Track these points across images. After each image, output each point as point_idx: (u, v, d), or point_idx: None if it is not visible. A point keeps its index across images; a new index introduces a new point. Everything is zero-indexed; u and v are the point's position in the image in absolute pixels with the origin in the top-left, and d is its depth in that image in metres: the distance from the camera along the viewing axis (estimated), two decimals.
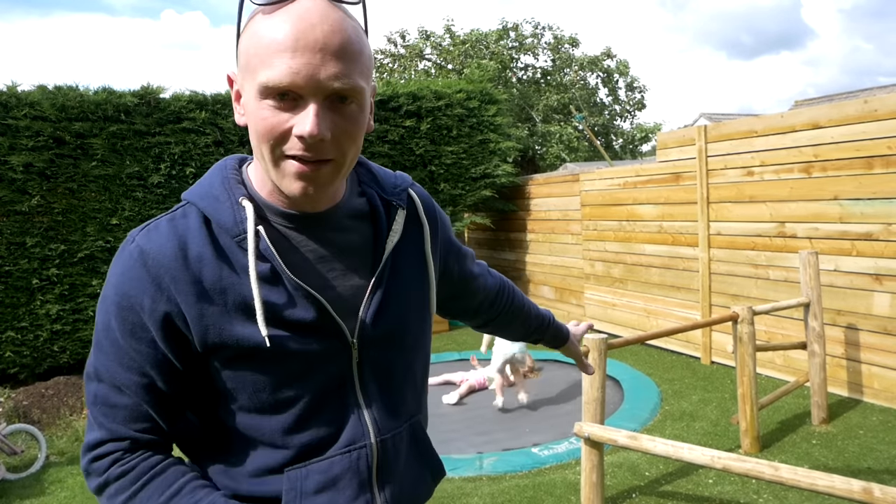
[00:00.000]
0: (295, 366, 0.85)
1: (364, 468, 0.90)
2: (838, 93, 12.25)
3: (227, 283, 0.82)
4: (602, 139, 16.25)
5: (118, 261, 0.84)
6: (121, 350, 0.83)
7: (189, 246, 0.82)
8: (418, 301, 0.99)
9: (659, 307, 6.27)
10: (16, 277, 5.77)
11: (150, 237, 0.83)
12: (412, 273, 0.98)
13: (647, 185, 6.29)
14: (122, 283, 0.82)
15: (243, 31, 0.82)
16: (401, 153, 7.52)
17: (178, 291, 0.81)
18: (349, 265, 0.91)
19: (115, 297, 0.83)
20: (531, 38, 16.05)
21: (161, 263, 0.81)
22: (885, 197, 4.16)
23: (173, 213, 0.86)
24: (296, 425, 0.87)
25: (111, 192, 6.07)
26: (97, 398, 0.85)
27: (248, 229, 0.82)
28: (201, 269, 0.82)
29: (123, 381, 0.83)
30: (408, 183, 1.02)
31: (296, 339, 0.85)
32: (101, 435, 0.85)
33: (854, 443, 3.77)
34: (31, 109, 5.71)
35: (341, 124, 0.79)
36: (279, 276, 0.84)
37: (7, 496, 3.91)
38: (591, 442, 2.94)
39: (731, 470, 2.38)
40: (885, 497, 1.90)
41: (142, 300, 0.81)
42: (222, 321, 0.82)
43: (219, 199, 0.85)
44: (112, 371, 0.83)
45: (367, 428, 0.91)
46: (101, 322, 0.85)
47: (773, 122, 4.93)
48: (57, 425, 5.05)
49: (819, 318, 4.07)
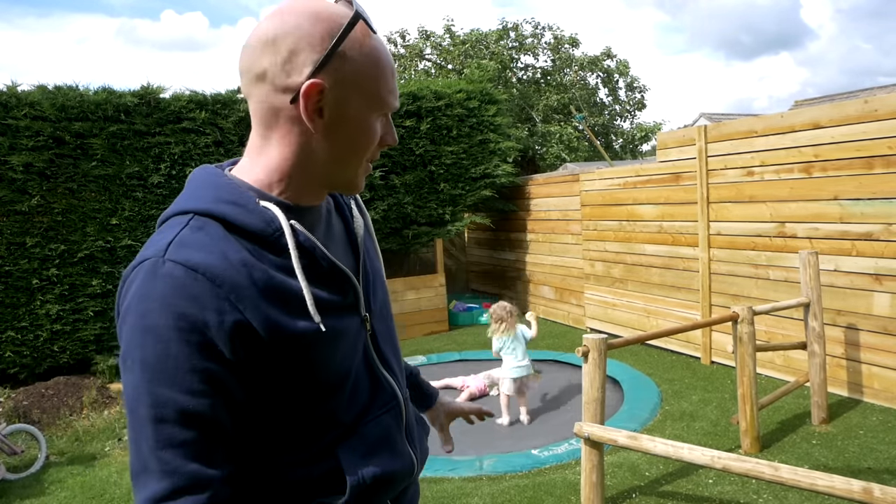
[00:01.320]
0: (345, 345, 0.93)
1: (401, 424, 1.02)
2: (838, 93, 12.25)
3: (276, 282, 0.84)
4: (602, 139, 16.25)
5: (154, 285, 0.78)
6: (186, 375, 0.77)
7: (229, 254, 0.82)
8: (382, 275, 1.12)
9: (659, 307, 6.27)
10: (16, 277, 5.77)
11: (186, 252, 0.80)
12: (373, 251, 1.11)
13: (647, 185, 6.29)
14: (175, 305, 0.77)
15: (349, 43, 0.86)
16: (401, 153, 7.52)
17: (239, 299, 0.80)
18: (342, 248, 1.00)
19: (170, 323, 0.76)
20: (531, 39, 16.05)
21: (215, 274, 0.79)
22: (885, 197, 4.16)
23: (185, 227, 0.83)
24: (350, 399, 0.94)
25: (111, 192, 6.07)
26: (163, 442, 0.76)
27: (284, 226, 0.86)
28: (250, 273, 0.82)
29: (195, 408, 0.77)
30: None
31: (341, 320, 0.92)
32: (173, 482, 0.76)
33: (854, 443, 3.77)
34: (31, 109, 5.71)
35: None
36: (317, 264, 0.90)
37: (7, 496, 3.91)
38: (591, 442, 2.94)
39: (731, 470, 2.38)
40: (885, 497, 1.90)
41: (204, 317, 0.77)
42: (281, 319, 0.83)
43: (238, 204, 0.86)
44: (179, 403, 0.76)
45: (395, 389, 1.02)
46: (153, 355, 0.77)
47: (773, 122, 4.93)
48: (57, 425, 5.05)
49: (819, 318, 4.07)
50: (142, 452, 0.77)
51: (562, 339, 6.94)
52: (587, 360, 3.00)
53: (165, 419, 0.76)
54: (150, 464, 0.77)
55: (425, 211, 7.71)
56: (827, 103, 5.12)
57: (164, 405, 0.76)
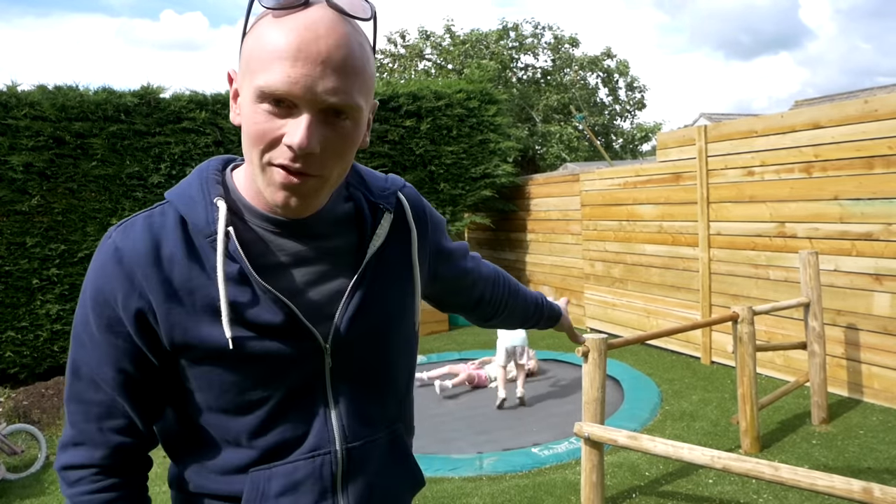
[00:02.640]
0: (260, 368, 0.85)
1: (328, 475, 0.89)
2: (838, 93, 12.25)
3: (196, 284, 0.83)
4: (602, 139, 16.25)
5: (97, 256, 0.86)
6: (98, 344, 0.84)
7: (162, 245, 0.83)
8: (401, 306, 0.96)
9: (659, 307, 6.27)
10: (16, 277, 5.77)
11: (125, 234, 0.85)
12: (396, 277, 0.96)
13: (647, 185, 6.29)
14: (98, 279, 0.84)
15: (249, 31, 0.81)
16: (401, 153, 7.53)
17: (150, 289, 0.82)
18: (330, 269, 0.89)
19: (91, 292, 0.84)
20: (531, 38, 16.05)
21: (134, 261, 0.82)
22: (885, 197, 4.16)
23: (152, 210, 0.87)
24: (261, 427, 0.87)
25: (111, 192, 6.08)
26: (73, 395, 0.87)
27: (219, 230, 0.82)
28: (172, 268, 0.82)
29: (101, 375, 0.85)
30: (398, 185, 1.00)
31: (261, 341, 0.84)
32: (74, 435, 0.87)
33: (854, 443, 3.77)
34: (31, 109, 5.71)
35: (332, 140, 0.78)
36: (247, 278, 0.83)
37: (7, 496, 3.91)
38: (591, 442, 2.94)
39: (731, 470, 2.38)
40: (885, 497, 1.90)
41: (116, 295, 0.82)
42: (189, 321, 0.82)
43: (194, 199, 0.85)
44: (90, 365, 0.85)
45: (333, 434, 0.89)
46: (79, 316, 0.86)
47: (773, 122, 4.93)
48: (57, 425, 5.05)
49: (819, 318, 4.07)
50: (66, 400, 0.89)
51: (562, 338, 6.93)
52: (587, 360, 3.00)
53: (79, 376, 0.86)
54: (66, 409, 0.89)
55: None
56: (827, 103, 5.13)
57: (79, 364, 0.86)
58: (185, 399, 0.89)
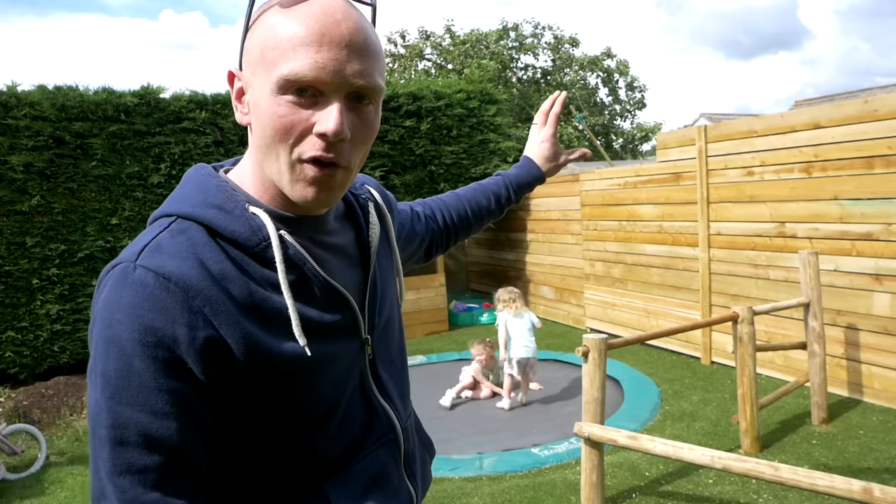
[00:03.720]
0: (334, 372, 0.83)
1: (397, 459, 0.92)
2: (838, 93, 12.25)
3: (258, 298, 0.76)
4: (602, 139, 16.25)
5: (122, 293, 0.70)
6: (151, 395, 0.69)
7: (208, 263, 0.74)
8: (395, 290, 1.02)
9: (659, 307, 6.27)
10: (16, 277, 5.77)
11: (160, 258, 0.72)
12: (386, 264, 1.00)
13: (647, 185, 6.29)
14: (142, 317, 0.69)
15: (254, 25, 0.78)
16: (401, 153, 7.53)
17: (215, 314, 0.72)
18: (345, 263, 0.90)
19: (135, 336, 0.69)
20: (531, 38, 16.06)
21: (189, 285, 0.71)
22: (885, 197, 4.16)
23: (167, 229, 0.77)
24: (336, 434, 0.84)
25: (111, 192, 6.08)
26: (121, 466, 0.69)
27: (272, 236, 0.77)
28: (228, 286, 0.74)
29: (159, 431, 0.69)
30: (363, 177, 1.04)
31: (331, 343, 0.82)
32: None
33: (854, 443, 3.77)
34: (31, 109, 5.71)
35: (359, 127, 0.77)
36: (308, 281, 0.81)
37: (7, 496, 3.91)
38: (591, 442, 2.94)
39: (731, 470, 2.38)
40: (885, 497, 1.90)
41: (174, 332, 0.70)
42: (262, 338, 0.75)
43: (224, 209, 0.78)
44: (142, 424, 0.69)
45: (392, 420, 0.92)
46: (115, 371, 0.69)
47: (773, 122, 4.93)
48: (57, 425, 5.05)
49: (819, 318, 4.07)
50: (100, 476, 0.70)
51: (562, 339, 6.93)
52: (587, 360, 3.00)
53: (126, 442, 0.69)
54: (107, 490, 0.69)
55: None
56: (827, 103, 5.13)
57: (125, 426, 0.69)
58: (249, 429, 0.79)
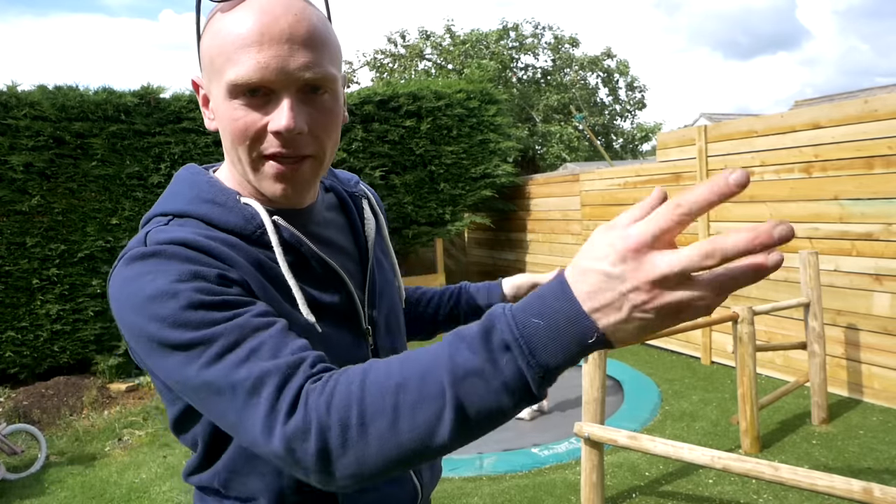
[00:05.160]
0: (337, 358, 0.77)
1: None
2: (838, 93, 12.25)
3: (268, 270, 0.77)
4: (602, 139, 16.25)
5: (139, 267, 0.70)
6: (215, 310, 0.67)
7: (215, 241, 0.75)
8: (395, 289, 1.01)
9: None
10: (16, 277, 5.77)
11: (168, 233, 0.74)
12: (384, 261, 1.00)
13: (647, 185, 6.29)
14: (172, 268, 0.69)
15: (204, 32, 0.79)
16: (401, 153, 7.52)
17: (235, 265, 0.73)
18: (341, 256, 0.90)
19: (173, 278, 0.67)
20: (531, 38, 16.05)
21: (206, 247, 0.72)
22: (885, 197, 4.16)
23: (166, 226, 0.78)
24: None
25: (111, 192, 6.08)
26: (233, 366, 0.64)
27: (266, 221, 0.79)
28: (239, 258, 0.75)
29: (243, 321, 0.67)
30: (356, 177, 1.04)
31: (333, 326, 0.83)
32: (272, 384, 0.62)
33: (854, 443, 3.77)
34: (31, 109, 5.71)
35: (317, 116, 0.76)
36: (306, 262, 0.82)
37: (7, 496, 3.91)
38: (591, 442, 2.94)
39: (731, 470, 2.38)
40: (885, 497, 1.90)
41: (208, 270, 0.70)
42: (282, 304, 0.76)
43: (217, 202, 0.80)
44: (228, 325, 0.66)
45: None
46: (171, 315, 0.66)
47: (773, 122, 4.94)
48: (57, 425, 5.05)
49: (819, 318, 4.07)
50: (224, 395, 0.64)
51: None
52: (587, 360, 3.00)
53: (224, 348, 0.65)
54: (237, 398, 0.63)
55: (425, 211, 7.71)
56: (827, 103, 5.12)
57: (213, 337, 0.65)
58: None
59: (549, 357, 0.52)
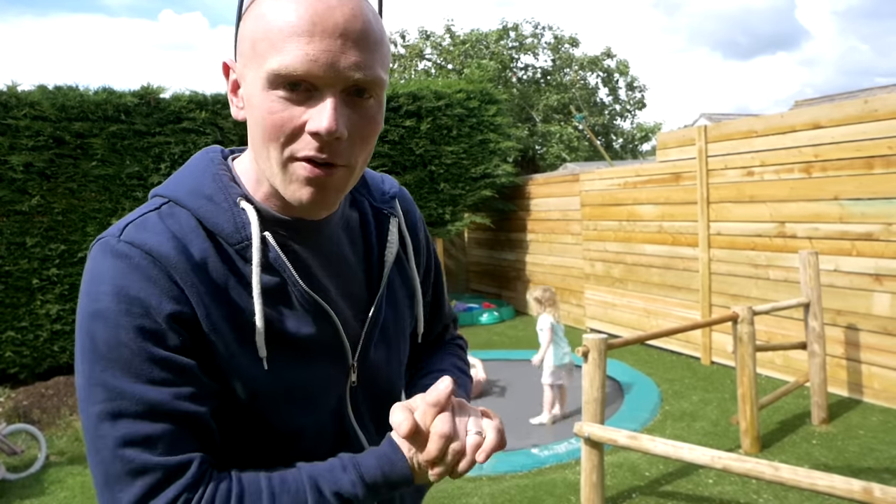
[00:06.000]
0: (298, 392, 0.77)
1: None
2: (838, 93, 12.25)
3: (234, 295, 0.72)
4: (602, 139, 16.25)
5: (105, 265, 0.68)
6: (143, 364, 0.66)
7: (190, 247, 0.71)
8: (406, 321, 0.92)
9: (659, 307, 6.27)
10: (16, 277, 5.77)
11: (144, 235, 0.70)
12: (401, 290, 0.91)
13: (647, 185, 6.29)
14: (126, 287, 0.67)
15: (246, 13, 0.73)
16: (401, 153, 7.52)
17: (190, 293, 0.69)
18: (346, 280, 0.83)
19: (120, 306, 0.66)
20: (531, 38, 16.05)
21: (170, 261, 0.69)
22: (885, 197, 4.16)
23: (156, 210, 0.74)
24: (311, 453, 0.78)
25: (111, 192, 6.08)
26: (124, 440, 0.65)
27: (254, 236, 0.73)
28: (207, 274, 0.71)
29: (158, 398, 0.66)
30: (395, 189, 0.94)
31: (301, 362, 0.77)
32: (145, 482, 0.65)
33: (854, 443, 3.77)
34: (31, 109, 5.71)
35: (358, 122, 0.70)
36: (287, 291, 0.76)
37: (7, 496, 3.91)
38: (591, 442, 2.94)
39: (731, 470, 2.38)
40: (885, 497, 1.90)
41: (159, 301, 0.67)
42: (227, 338, 0.72)
43: (213, 200, 0.74)
44: (138, 393, 0.66)
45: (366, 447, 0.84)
46: (104, 343, 0.66)
47: (773, 122, 4.93)
48: (57, 425, 5.05)
49: (819, 318, 4.07)
50: (102, 458, 0.66)
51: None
52: (587, 360, 3.00)
53: (125, 413, 0.65)
54: (112, 468, 0.65)
55: (425, 211, 7.71)
56: (827, 103, 5.13)
57: (122, 397, 0.65)
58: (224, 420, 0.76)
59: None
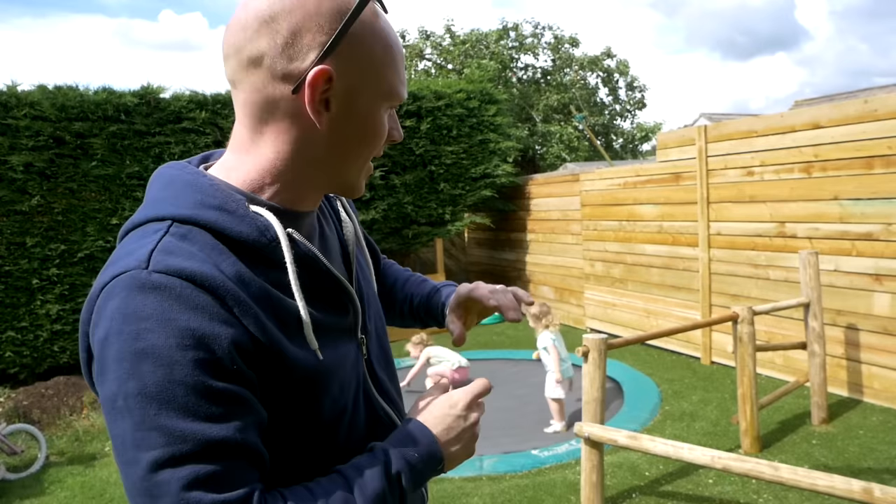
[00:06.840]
0: (343, 375, 0.81)
1: None
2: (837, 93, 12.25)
3: (275, 300, 0.73)
4: (602, 139, 16.25)
5: (142, 301, 0.64)
6: (200, 401, 0.63)
7: (223, 266, 0.69)
8: (374, 286, 0.99)
9: (659, 307, 6.27)
10: (16, 277, 5.77)
11: (176, 260, 0.66)
12: (363, 262, 0.98)
13: (647, 185, 6.29)
14: (174, 320, 0.63)
15: (362, 26, 0.74)
16: (401, 153, 7.53)
17: (244, 314, 0.68)
18: (336, 258, 0.88)
19: (169, 341, 0.63)
20: (531, 38, 16.05)
21: (216, 285, 0.67)
22: (885, 197, 4.16)
23: (166, 233, 0.70)
24: (348, 438, 0.81)
25: (111, 192, 6.07)
26: (189, 483, 0.62)
27: (280, 236, 0.74)
28: (246, 287, 0.70)
29: (220, 435, 0.64)
30: None
31: (339, 346, 0.81)
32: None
33: (854, 443, 3.77)
34: (31, 109, 5.71)
35: None
36: (318, 281, 0.80)
37: (7, 496, 3.91)
38: (591, 442, 2.94)
39: (731, 470, 2.38)
40: (885, 497, 1.90)
41: (213, 330, 0.65)
42: (284, 343, 0.72)
43: (226, 209, 0.73)
44: (199, 433, 0.63)
45: (395, 421, 0.90)
46: (154, 385, 0.62)
47: (773, 122, 4.93)
48: (57, 425, 5.05)
49: (819, 318, 4.07)
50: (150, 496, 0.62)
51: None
52: (587, 360, 3.00)
53: (187, 455, 0.62)
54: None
55: (425, 211, 7.71)
56: (827, 103, 5.13)
57: (183, 440, 0.62)
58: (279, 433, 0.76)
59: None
